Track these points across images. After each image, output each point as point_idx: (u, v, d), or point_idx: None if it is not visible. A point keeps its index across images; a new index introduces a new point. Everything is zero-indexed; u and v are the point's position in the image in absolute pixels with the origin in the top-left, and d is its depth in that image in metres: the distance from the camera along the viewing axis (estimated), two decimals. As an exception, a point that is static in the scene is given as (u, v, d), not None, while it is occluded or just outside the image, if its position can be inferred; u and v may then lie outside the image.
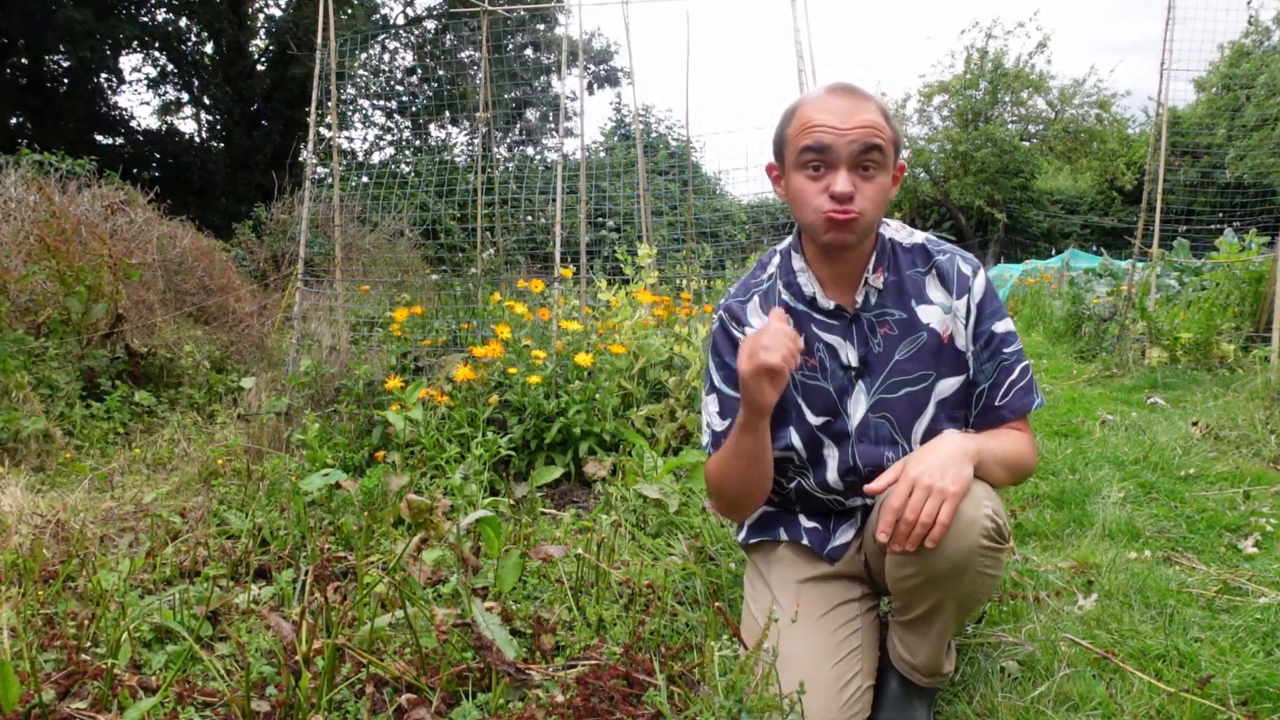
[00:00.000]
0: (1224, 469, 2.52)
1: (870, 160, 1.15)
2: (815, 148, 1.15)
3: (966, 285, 1.26)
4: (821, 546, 1.33)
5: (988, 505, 1.09)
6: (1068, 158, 22.24)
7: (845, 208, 1.15)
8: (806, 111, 1.18)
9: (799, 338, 1.16)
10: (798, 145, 1.17)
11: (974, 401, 1.27)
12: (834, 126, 1.14)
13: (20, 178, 4.15)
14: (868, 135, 1.14)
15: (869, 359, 1.26)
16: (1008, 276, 11.76)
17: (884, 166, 1.17)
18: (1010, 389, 1.25)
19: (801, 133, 1.17)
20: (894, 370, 1.25)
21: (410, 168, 7.65)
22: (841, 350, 1.27)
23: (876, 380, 1.26)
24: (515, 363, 2.70)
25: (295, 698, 1.17)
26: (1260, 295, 4.49)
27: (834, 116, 1.15)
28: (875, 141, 1.14)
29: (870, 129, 1.14)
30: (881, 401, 1.26)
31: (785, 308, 1.29)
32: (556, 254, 3.38)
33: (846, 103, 1.16)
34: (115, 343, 3.47)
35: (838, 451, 1.28)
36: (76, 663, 1.29)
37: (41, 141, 7.01)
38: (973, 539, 1.08)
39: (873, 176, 1.16)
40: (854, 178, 1.15)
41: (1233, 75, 13.67)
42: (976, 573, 1.11)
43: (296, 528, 1.93)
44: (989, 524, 1.09)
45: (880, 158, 1.15)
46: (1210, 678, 1.31)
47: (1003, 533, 1.11)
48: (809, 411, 1.28)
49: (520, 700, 1.25)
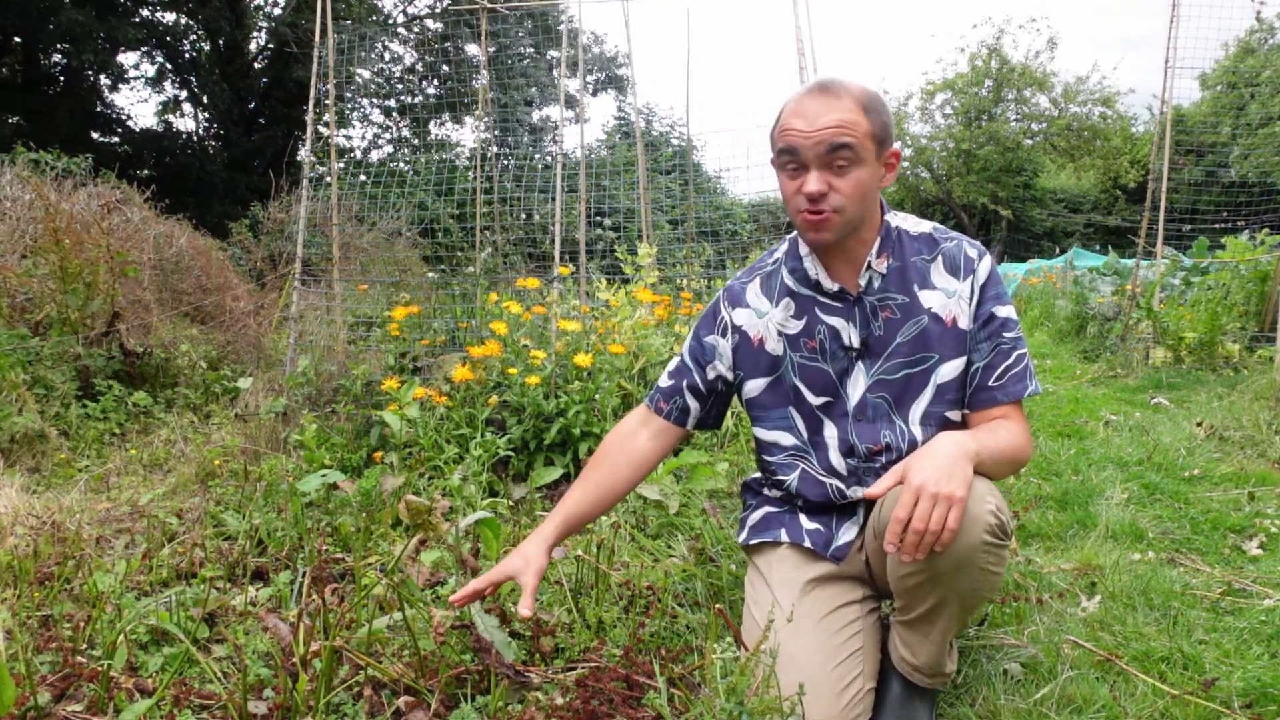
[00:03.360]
0: (1228, 470, 2.51)
1: (841, 159, 1.18)
2: (787, 150, 1.20)
3: (972, 267, 1.28)
4: (824, 547, 1.33)
5: (990, 502, 1.09)
6: (1071, 156, 22.23)
7: (817, 207, 1.20)
8: (786, 114, 1.22)
9: None
10: (776, 148, 1.23)
11: (968, 381, 1.27)
12: (800, 130, 1.18)
13: (15, 176, 4.14)
14: (834, 135, 1.16)
15: (870, 341, 1.28)
16: (1012, 275, 11.75)
17: (859, 161, 1.18)
18: (1005, 373, 1.25)
19: (778, 135, 1.23)
20: (894, 352, 1.27)
21: (409, 166, 7.64)
22: (844, 332, 1.29)
23: (876, 361, 1.28)
24: (514, 363, 2.69)
25: (292, 700, 1.16)
26: (1265, 295, 4.48)
27: (802, 120, 1.19)
28: (843, 140, 1.16)
29: (838, 128, 1.16)
30: (880, 382, 1.28)
31: (789, 291, 1.34)
32: (556, 253, 3.37)
33: (818, 104, 1.19)
34: (111, 342, 3.46)
35: (837, 431, 1.30)
36: (72, 665, 1.28)
37: (37, 140, 6.99)
38: (975, 536, 1.07)
39: (845, 172, 1.18)
40: (827, 176, 1.19)
41: (1237, 71, 13.65)
42: (979, 570, 1.10)
43: (294, 529, 1.91)
44: (992, 520, 1.08)
45: (851, 155, 1.17)
46: (1215, 680, 1.30)
47: (1005, 529, 1.10)
48: (809, 392, 1.32)
49: (519, 703, 1.24)
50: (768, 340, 1.34)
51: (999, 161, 20.76)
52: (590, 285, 3.67)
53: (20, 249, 3.66)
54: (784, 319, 1.33)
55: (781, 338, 1.33)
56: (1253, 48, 15.01)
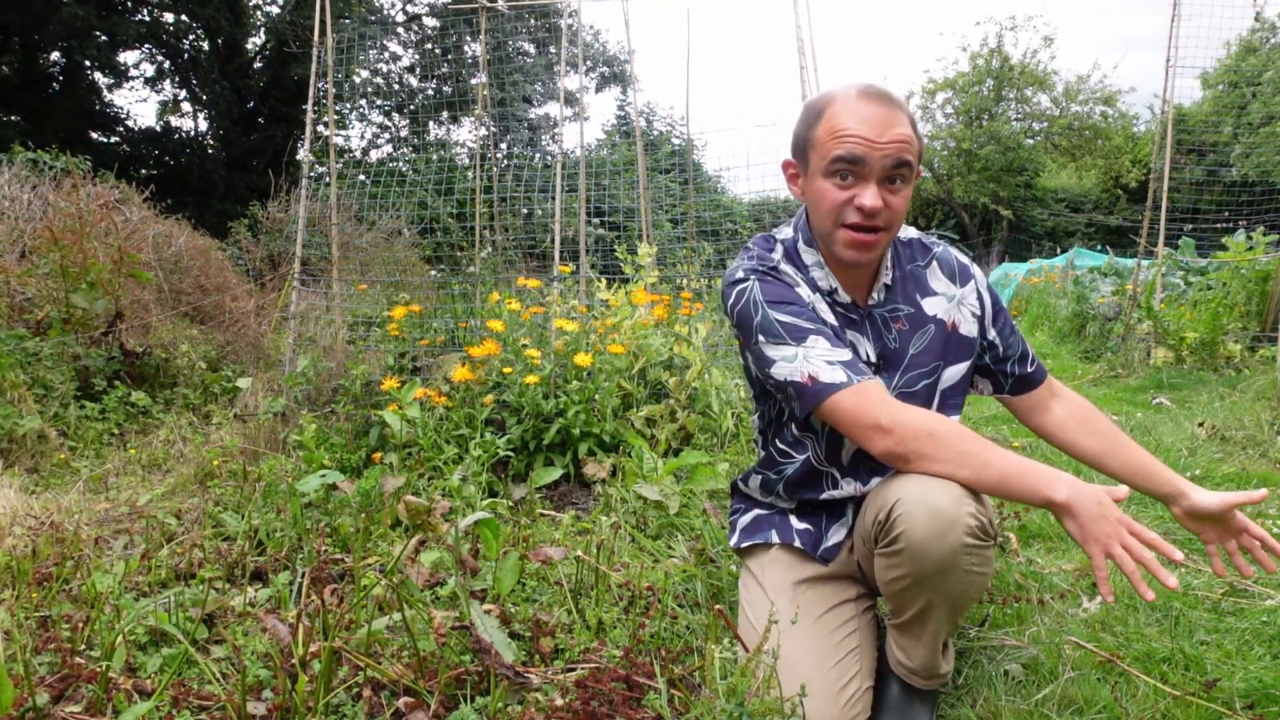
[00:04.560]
0: (1230, 470, 2.51)
1: (899, 174, 1.14)
2: (848, 159, 1.13)
3: (969, 274, 1.33)
4: (814, 548, 1.32)
5: (970, 503, 1.08)
6: (1072, 155, 22.21)
7: (872, 223, 1.14)
8: (839, 116, 1.14)
9: None
10: (828, 152, 1.14)
11: (1010, 373, 1.34)
12: (868, 139, 1.12)
13: (14, 175, 4.14)
14: (901, 150, 1.12)
15: (886, 354, 1.26)
16: (1013, 275, 11.72)
17: (910, 181, 1.17)
18: (1032, 358, 1.35)
19: (832, 139, 1.14)
20: (910, 364, 1.26)
21: (409, 166, 7.63)
22: (860, 346, 1.26)
23: (895, 375, 1.26)
24: (512, 362, 2.68)
25: (291, 701, 1.16)
26: (1267, 295, 4.47)
27: (868, 128, 1.12)
28: (907, 158, 1.13)
29: (904, 143, 1.13)
30: (902, 396, 1.26)
31: None
32: (555, 252, 3.37)
33: (881, 112, 1.13)
34: (112, 342, 3.45)
35: (855, 448, 1.29)
36: (71, 666, 1.28)
37: (36, 139, 6.97)
38: (956, 537, 1.06)
39: (899, 190, 1.15)
40: (882, 191, 1.14)
41: (1239, 70, 13.64)
42: (964, 571, 1.09)
43: (293, 529, 1.91)
44: (972, 522, 1.07)
45: (908, 173, 1.15)
46: (1216, 681, 1.29)
47: (987, 530, 1.09)
48: None
49: (519, 704, 1.23)
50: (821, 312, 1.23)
51: (1000, 161, 20.74)
52: (590, 285, 3.67)
53: (19, 248, 3.65)
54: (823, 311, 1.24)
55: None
56: (1254, 47, 15.00)
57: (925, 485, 1.09)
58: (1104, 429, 1.31)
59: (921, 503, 1.07)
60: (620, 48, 15.93)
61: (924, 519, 1.07)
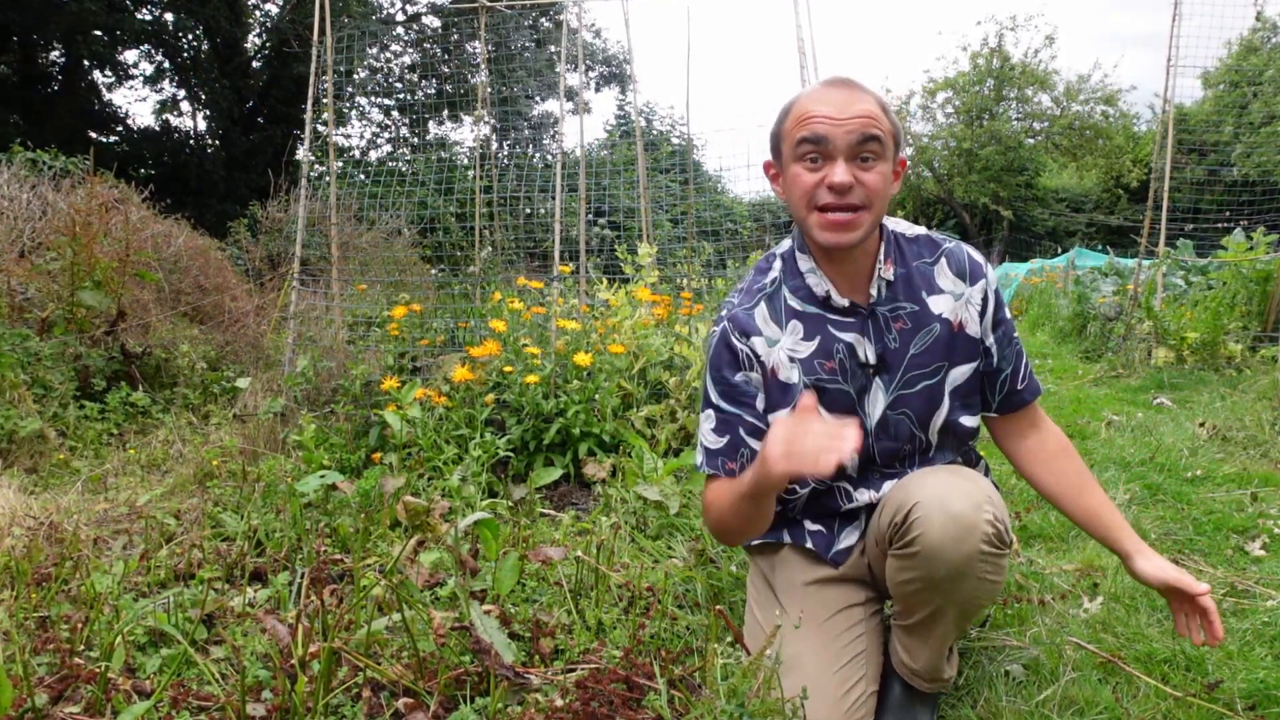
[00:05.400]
0: (1231, 470, 2.50)
1: (869, 151, 1.13)
2: (812, 139, 1.13)
3: (981, 272, 1.27)
4: (825, 550, 1.31)
5: (989, 510, 1.07)
6: (1073, 155, 22.19)
7: (845, 201, 1.13)
8: (803, 104, 1.16)
9: (849, 429, 0.98)
10: (794, 137, 1.16)
11: (997, 388, 1.29)
12: (830, 116, 1.13)
13: (13, 175, 4.13)
14: (865, 125, 1.12)
15: (885, 355, 1.24)
16: (1014, 275, 11.72)
17: (883, 157, 1.15)
18: (1026, 373, 1.31)
19: (798, 125, 1.15)
20: (910, 365, 1.24)
21: (409, 165, 7.63)
22: (860, 347, 1.24)
23: (894, 376, 1.24)
24: (512, 362, 2.68)
25: (291, 702, 1.16)
26: (1268, 294, 4.46)
27: (831, 107, 1.13)
28: (873, 132, 1.12)
29: (868, 119, 1.13)
30: (900, 398, 1.24)
31: (795, 313, 1.25)
32: (555, 252, 3.36)
33: (843, 94, 1.14)
34: (112, 342, 3.45)
35: None
36: (70, 666, 1.28)
37: (35, 139, 6.96)
38: (972, 544, 1.06)
39: (871, 166, 1.14)
40: (852, 168, 1.13)
41: (1240, 70, 13.62)
42: (977, 579, 1.09)
43: (292, 530, 1.91)
44: (989, 529, 1.07)
45: (879, 148, 1.14)
46: (1218, 682, 1.29)
47: (1004, 538, 1.09)
48: (829, 416, 1.25)
49: (519, 704, 1.23)
50: (780, 369, 1.25)
51: (1000, 161, 20.72)
52: (590, 284, 3.67)
53: (18, 248, 3.65)
54: (794, 343, 1.24)
55: (795, 363, 1.24)
56: (1255, 46, 15.00)
57: (944, 489, 1.09)
58: (1069, 470, 1.28)
59: (940, 507, 1.07)
60: (620, 47, 15.93)
61: (941, 523, 1.06)
